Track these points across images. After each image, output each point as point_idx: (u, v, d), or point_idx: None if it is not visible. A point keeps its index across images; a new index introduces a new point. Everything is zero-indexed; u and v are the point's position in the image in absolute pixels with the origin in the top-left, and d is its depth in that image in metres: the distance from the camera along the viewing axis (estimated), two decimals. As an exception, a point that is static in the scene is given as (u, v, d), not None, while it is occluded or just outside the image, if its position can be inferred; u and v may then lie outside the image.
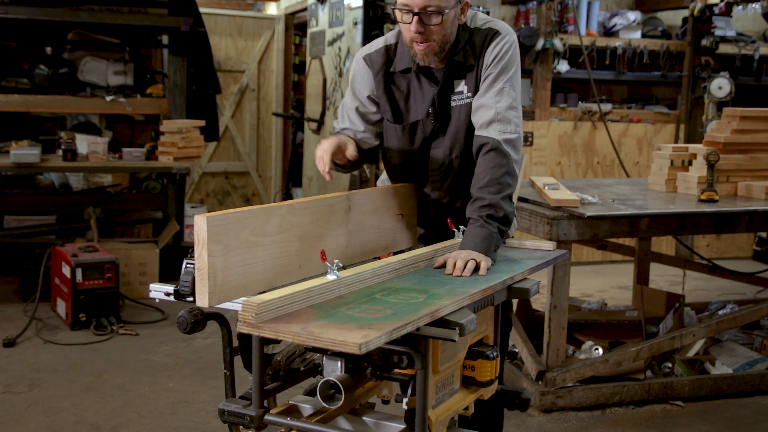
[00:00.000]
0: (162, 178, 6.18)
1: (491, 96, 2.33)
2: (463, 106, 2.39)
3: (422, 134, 2.44)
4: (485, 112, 2.32)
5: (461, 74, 2.38)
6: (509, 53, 2.35)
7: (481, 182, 2.27)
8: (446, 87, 2.39)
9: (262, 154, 9.02)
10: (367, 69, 2.47)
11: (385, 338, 1.54)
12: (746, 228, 4.01)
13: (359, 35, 6.18)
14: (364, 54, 2.49)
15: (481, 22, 2.40)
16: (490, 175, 2.27)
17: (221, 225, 1.73)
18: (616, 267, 6.78)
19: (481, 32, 2.38)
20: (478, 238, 2.17)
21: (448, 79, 2.39)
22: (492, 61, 2.34)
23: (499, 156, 2.28)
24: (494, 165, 2.27)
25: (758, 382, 4.06)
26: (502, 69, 2.34)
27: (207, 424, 3.51)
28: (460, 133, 2.41)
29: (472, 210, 2.26)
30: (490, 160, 2.28)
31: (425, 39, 2.26)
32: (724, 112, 4.39)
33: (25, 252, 5.44)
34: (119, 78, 6.05)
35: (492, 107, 2.31)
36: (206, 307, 1.73)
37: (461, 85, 2.39)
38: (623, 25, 7.17)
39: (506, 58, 2.34)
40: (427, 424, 1.75)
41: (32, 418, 3.53)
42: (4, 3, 5.33)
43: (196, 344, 4.53)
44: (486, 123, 2.32)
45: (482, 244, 2.15)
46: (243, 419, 1.79)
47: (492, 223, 2.21)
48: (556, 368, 3.73)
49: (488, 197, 2.24)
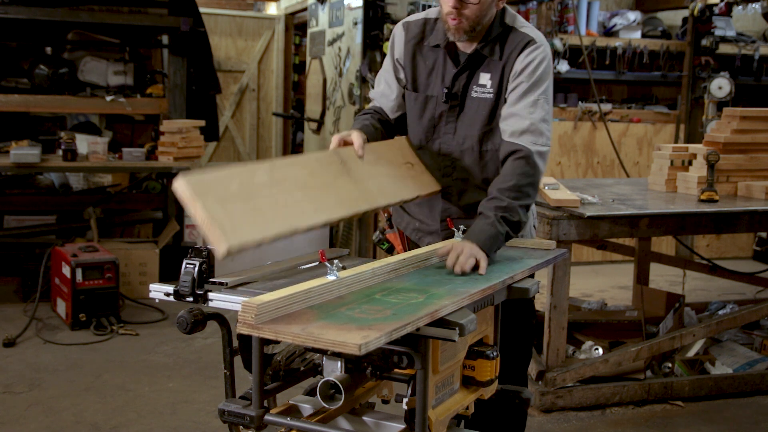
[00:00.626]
0: (162, 178, 6.18)
1: (525, 106, 2.34)
2: (483, 99, 2.41)
3: (433, 111, 2.47)
4: (518, 122, 2.33)
5: (485, 66, 2.40)
6: (544, 64, 2.37)
7: (505, 184, 2.28)
8: (468, 74, 2.42)
9: (262, 154, 9.02)
10: (402, 34, 2.53)
11: (385, 339, 1.54)
12: (746, 228, 4.01)
13: (359, 35, 6.18)
14: (404, 21, 2.56)
15: (520, 24, 2.43)
16: (516, 180, 2.28)
17: (201, 183, 1.71)
18: (616, 267, 6.78)
19: (517, 34, 2.40)
20: (485, 234, 2.17)
21: (471, 66, 2.41)
22: (525, 68, 2.35)
23: (529, 166, 2.31)
24: (522, 173, 2.30)
25: (758, 382, 4.06)
26: (537, 80, 2.35)
27: (207, 424, 3.51)
28: (475, 126, 2.43)
29: (487, 207, 2.26)
30: (520, 167, 2.30)
31: (459, 15, 2.30)
32: (724, 112, 4.39)
33: (25, 252, 5.44)
34: (119, 78, 6.04)
35: (526, 118, 2.33)
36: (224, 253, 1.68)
37: (486, 79, 2.41)
38: (623, 25, 7.17)
39: (541, 69, 2.36)
40: (427, 424, 1.75)
41: (32, 418, 3.53)
42: (4, 3, 5.33)
43: (196, 344, 4.53)
44: (519, 132, 2.33)
45: (487, 242, 2.16)
46: (243, 419, 1.79)
47: (503, 225, 2.21)
48: (556, 368, 3.73)
49: (507, 200, 2.25)
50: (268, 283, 1.96)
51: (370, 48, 6.14)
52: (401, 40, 2.52)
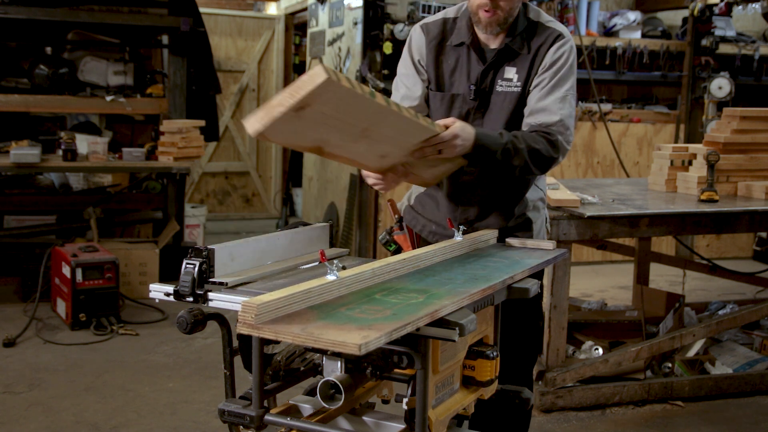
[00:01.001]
0: (162, 178, 6.18)
1: (555, 101, 2.35)
2: (509, 93, 2.41)
3: (460, 109, 2.45)
4: (548, 117, 2.35)
5: (512, 60, 2.40)
6: (572, 59, 2.39)
7: (529, 141, 2.29)
8: (494, 69, 2.41)
9: (262, 154, 9.02)
10: (422, 36, 2.50)
11: (385, 339, 1.53)
12: (746, 228, 4.01)
13: (359, 35, 6.18)
14: (421, 23, 2.53)
15: (545, 18, 2.44)
16: (540, 147, 2.31)
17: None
18: (616, 267, 6.78)
19: (544, 28, 2.41)
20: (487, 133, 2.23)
21: (498, 62, 2.41)
22: (554, 62, 2.37)
23: (554, 148, 2.34)
24: (548, 149, 2.32)
25: (758, 382, 4.06)
26: (566, 75, 2.37)
27: (207, 424, 3.52)
28: (500, 120, 2.42)
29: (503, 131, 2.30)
30: (548, 143, 2.33)
31: (494, 7, 2.30)
32: (724, 112, 4.39)
33: (25, 252, 5.44)
34: (119, 78, 6.05)
35: (556, 113, 2.34)
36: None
37: (512, 72, 2.41)
38: (623, 25, 7.17)
39: (569, 63, 2.38)
40: (427, 424, 1.75)
41: (32, 418, 3.53)
42: (4, 3, 5.33)
43: (196, 344, 4.53)
44: (551, 124, 2.34)
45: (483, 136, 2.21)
46: (243, 419, 1.79)
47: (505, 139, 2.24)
48: (556, 368, 3.73)
49: (523, 143, 2.27)
50: (268, 283, 1.95)
51: (370, 48, 6.14)
52: (421, 42, 2.49)
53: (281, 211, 8.12)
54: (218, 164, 8.83)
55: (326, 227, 2.40)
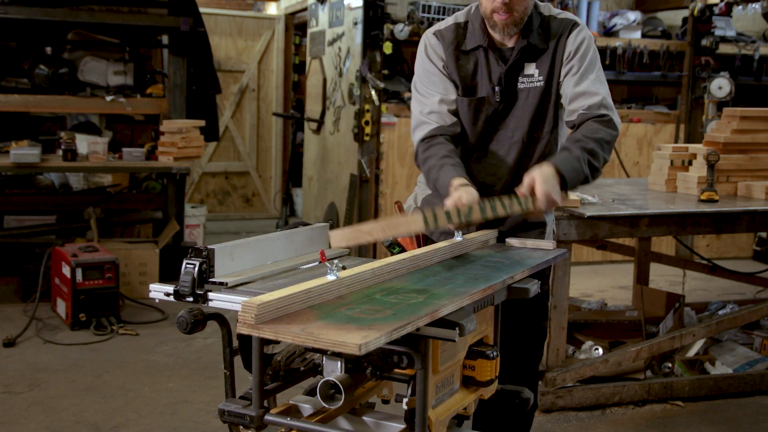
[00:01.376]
0: (162, 178, 6.18)
1: (591, 83, 2.35)
2: (533, 89, 2.41)
3: (486, 111, 2.44)
4: (591, 98, 2.34)
5: (532, 57, 2.40)
6: (593, 45, 2.41)
7: (592, 134, 2.28)
8: (514, 67, 2.41)
9: (262, 154, 9.02)
10: (439, 42, 2.46)
11: (385, 339, 1.53)
12: (746, 228, 4.01)
13: (359, 35, 6.18)
14: (434, 30, 2.49)
15: (556, 12, 2.45)
16: (603, 135, 2.30)
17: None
18: (616, 267, 6.78)
19: (558, 21, 2.42)
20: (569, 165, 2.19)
21: (518, 60, 2.40)
22: (578, 49, 2.38)
23: (612, 128, 2.34)
24: (609, 132, 2.32)
25: (758, 382, 4.06)
26: (593, 59, 2.39)
27: (207, 424, 3.52)
28: (525, 117, 2.42)
29: (573, 145, 2.26)
30: (605, 125, 2.32)
31: (508, 10, 2.29)
32: (724, 112, 4.39)
33: (25, 252, 5.44)
34: (119, 78, 6.05)
35: (597, 93, 2.35)
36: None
37: (532, 68, 2.40)
38: (623, 25, 7.17)
39: (592, 49, 2.40)
40: (427, 424, 1.75)
41: (32, 418, 3.53)
42: (4, 3, 5.33)
43: (196, 344, 4.53)
44: (595, 106, 2.34)
45: (570, 174, 2.19)
46: (243, 419, 1.79)
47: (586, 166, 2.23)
48: (556, 368, 3.73)
49: (593, 145, 2.26)
50: (268, 283, 1.95)
51: (370, 48, 6.14)
52: (440, 49, 2.46)
53: (281, 211, 8.12)
54: (218, 164, 8.83)
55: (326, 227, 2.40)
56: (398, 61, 6.76)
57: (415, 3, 6.29)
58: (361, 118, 6.18)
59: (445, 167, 2.29)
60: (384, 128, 6.28)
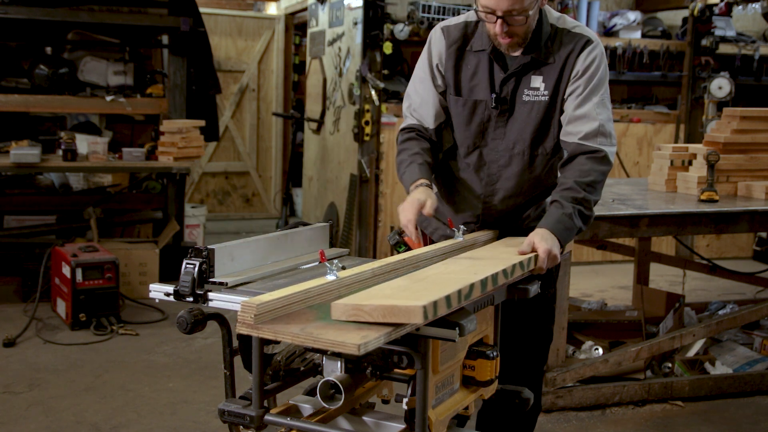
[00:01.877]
0: (162, 178, 6.18)
1: (593, 107, 2.33)
2: (536, 102, 2.37)
3: (481, 116, 2.42)
4: (589, 124, 2.33)
5: (538, 69, 2.37)
6: (604, 63, 2.37)
7: (583, 178, 2.30)
8: (518, 78, 2.38)
9: (262, 154, 9.02)
10: (443, 40, 2.46)
11: (384, 339, 1.54)
12: (746, 228, 4.01)
13: (359, 35, 6.18)
14: (443, 25, 2.48)
15: (570, 24, 2.39)
16: (595, 177, 2.31)
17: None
18: (616, 267, 6.78)
19: (571, 35, 2.37)
20: (562, 225, 2.24)
21: (523, 71, 2.37)
22: (587, 69, 2.33)
23: (605, 165, 2.34)
24: (601, 171, 2.34)
25: (758, 382, 4.06)
26: (600, 80, 2.35)
27: (207, 424, 3.51)
28: (527, 129, 2.39)
29: (564, 196, 2.28)
30: (597, 164, 2.33)
31: (509, 35, 2.28)
32: (724, 112, 4.39)
33: (25, 252, 5.44)
34: (119, 78, 6.04)
35: (596, 119, 2.33)
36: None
37: (538, 81, 2.37)
38: (623, 25, 7.17)
39: (601, 69, 2.35)
40: (427, 424, 1.75)
41: (32, 418, 3.53)
42: (4, 3, 5.32)
43: (196, 344, 4.53)
44: (592, 134, 2.33)
45: (564, 234, 2.23)
46: (243, 419, 1.79)
47: (578, 219, 2.27)
48: (556, 368, 3.73)
49: (584, 193, 2.28)
50: (268, 283, 1.96)
51: (370, 48, 6.14)
52: (441, 46, 2.45)
53: (281, 211, 8.12)
54: (218, 164, 8.83)
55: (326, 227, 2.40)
56: (398, 61, 6.76)
57: (415, 3, 6.29)
58: (361, 118, 6.18)
59: (412, 165, 2.38)
60: (384, 128, 6.28)
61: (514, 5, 2.20)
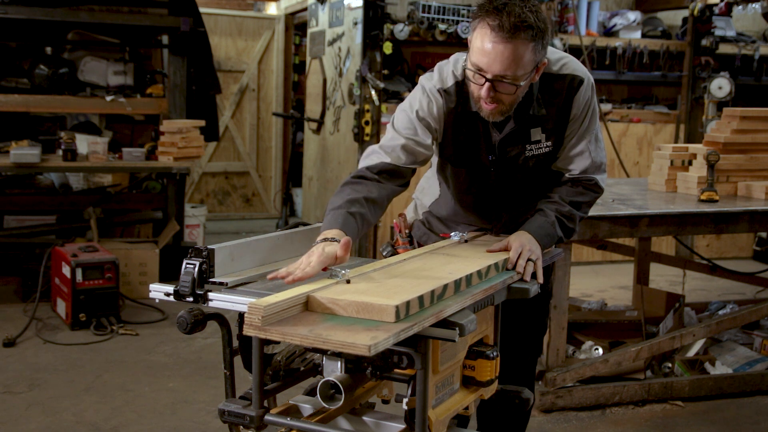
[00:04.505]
0: (162, 178, 6.18)
1: (586, 144, 2.33)
2: (542, 154, 2.32)
3: (481, 179, 2.37)
4: (584, 161, 2.34)
5: (534, 124, 2.27)
6: (594, 99, 2.32)
7: (570, 197, 2.33)
8: (516, 134, 2.28)
9: (262, 154, 9.02)
10: (442, 102, 2.25)
11: (393, 339, 1.54)
12: (746, 228, 4.01)
13: (359, 35, 6.18)
14: (438, 87, 2.25)
15: (555, 66, 2.25)
16: (583, 198, 2.36)
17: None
18: (616, 267, 6.78)
19: (560, 79, 2.24)
20: (543, 231, 2.24)
21: (519, 130, 2.27)
22: (580, 112, 2.28)
23: (596, 192, 2.39)
24: (590, 195, 2.38)
25: (758, 382, 4.06)
26: (592, 116, 2.31)
27: (207, 424, 3.52)
28: (535, 181, 2.39)
29: (548, 207, 2.31)
30: (588, 188, 2.36)
31: (494, 101, 2.11)
32: (724, 112, 4.39)
33: (25, 252, 5.44)
34: (119, 78, 6.04)
35: (590, 156, 2.34)
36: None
37: (538, 134, 2.29)
38: (623, 25, 7.17)
39: (593, 105, 2.32)
40: (427, 424, 1.75)
41: (32, 418, 3.53)
42: (4, 3, 5.32)
43: (196, 344, 4.53)
44: (586, 170, 2.34)
45: (544, 239, 2.23)
46: (243, 419, 1.79)
47: (559, 229, 2.29)
48: (556, 368, 3.73)
49: (568, 207, 2.32)
50: (268, 283, 1.95)
51: (370, 48, 6.14)
52: (439, 109, 2.24)
53: (281, 211, 8.11)
54: (218, 164, 8.83)
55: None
56: (398, 61, 6.76)
57: (415, 3, 6.29)
58: (361, 118, 6.18)
59: (338, 213, 2.01)
60: (384, 128, 6.27)
61: (507, 70, 2.03)
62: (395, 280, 1.81)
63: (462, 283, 1.86)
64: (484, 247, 2.23)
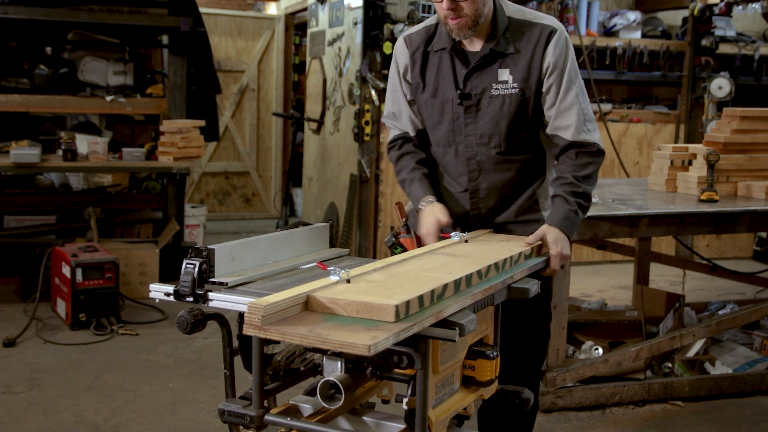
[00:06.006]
0: (162, 178, 6.18)
1: (572, 98, 2.38)
2: (507, 96, 2.39)
3: (451, 113, 2.45)
4: (575, 114, 2.38)
5: (504, 63, 2.38)
6: (571, 50, 2.41)
7: (580, 172, 2.39)
8: (483, 72, 2.40)
9: (262, 154, 9.02)
10: (405, 49, 2.51)
11: (393, 339, 1.54)
12: (746, 228, 4.01)
13: (359, 35, 6.18)
14: (405, 35, 2.54)
15: (530, 15, 2.41)
16: (591, 170, 2.43)
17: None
18: (616, 267, 6.78)
19: (533, 26, 2.39)
20: (569, 221, 2.36)
21: (485, 64, 2.40)
22: (557, 61, 2.36)
23: (599, 156, 2.44)
24: (596, 162, 2.43)
25: (758, 382, 4.06)
26: (574, 69, 2.40)
27: (207, 424, 3.52)
28: (502, 123, 2.41)
29: (565, 191, 2.39)
30: (592, 155, 2.42)
31: (458, 15, 2.29)
32: (724, 112, 4.39)
33: (25, 252, 5.44)
34: (119, 78, 6.05)
35: (580, 107, 2.39)
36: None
37: (506, 74, 2.39)
38: (623, 25, 7.17)
39: (571, 57, 2.40)
40: (427, 424, 1.75)
41: (32, 418, 3.53)
42: (4, 3, 5.32)
43: (196, 344, 4.53)
44: (580, 123, 2.38)
45: (571, 229, 2.36)
46: (243, 419, 1.79)
47: (581, 213, 2.40)
48: (556, 368, 3.73)
49: (583, 187, 2.39)
50: (268, 283, 1.95)
51: (370, 48, 6.14)
52: (405, 55, 2.51)
53: (281, 211, 8.12)
54: (218, 164, 8.83)
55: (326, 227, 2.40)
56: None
57: (415, 3, 6.29)
58: (361, 118, 6.18)
59: (414, 183, 2.49)
60: (384, 128, 6.28)
61: None
62: (395, 280, 1.81)
63: (462, 283, 1.86)
64: (484, 247, 2.23)
